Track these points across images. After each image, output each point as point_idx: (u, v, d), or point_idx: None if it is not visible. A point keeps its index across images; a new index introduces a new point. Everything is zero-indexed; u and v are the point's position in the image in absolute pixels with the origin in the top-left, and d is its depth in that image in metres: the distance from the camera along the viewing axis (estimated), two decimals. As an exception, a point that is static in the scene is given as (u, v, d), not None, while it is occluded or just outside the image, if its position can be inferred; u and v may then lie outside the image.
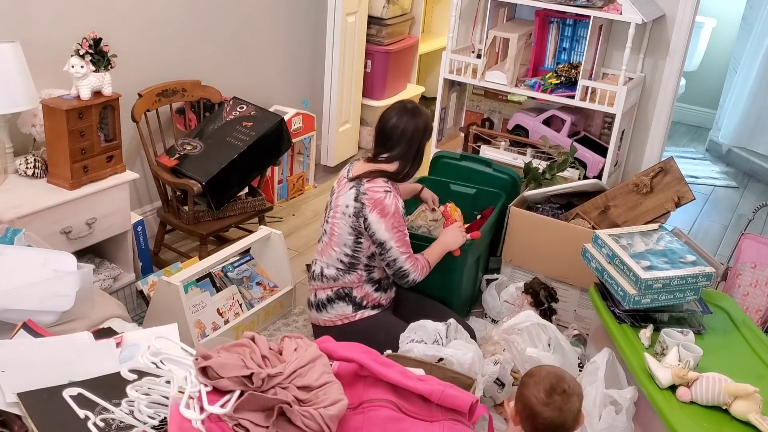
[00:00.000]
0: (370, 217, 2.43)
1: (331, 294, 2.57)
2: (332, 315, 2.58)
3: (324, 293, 2.59)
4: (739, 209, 4.62)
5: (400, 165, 2.52)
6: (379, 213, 2.43)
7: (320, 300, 2.59)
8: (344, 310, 2.57)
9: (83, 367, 1.57)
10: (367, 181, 2.46)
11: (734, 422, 1.92)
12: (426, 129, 2.54)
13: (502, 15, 3.66)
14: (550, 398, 1.70)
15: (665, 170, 2.86)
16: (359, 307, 2.57)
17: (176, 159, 3.13)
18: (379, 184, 2.46)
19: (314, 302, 2.62)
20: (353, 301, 2.56)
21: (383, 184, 2.46)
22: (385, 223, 2.43)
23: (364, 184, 2.46)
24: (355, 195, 2.46)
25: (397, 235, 2.46)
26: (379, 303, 2.61)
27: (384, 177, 2.48)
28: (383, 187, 2.45)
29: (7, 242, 2.12)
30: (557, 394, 1.71)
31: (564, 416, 1.71)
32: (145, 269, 3.05)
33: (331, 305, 2.58)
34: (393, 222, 2.44)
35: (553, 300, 2.87)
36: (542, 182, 3.22)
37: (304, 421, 1.35)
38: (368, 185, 2.46)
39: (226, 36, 3.66)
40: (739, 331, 2.36)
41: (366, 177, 2.47)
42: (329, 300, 2.58)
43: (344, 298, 2.56)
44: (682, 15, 3.35)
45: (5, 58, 2.45)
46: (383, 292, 2.62)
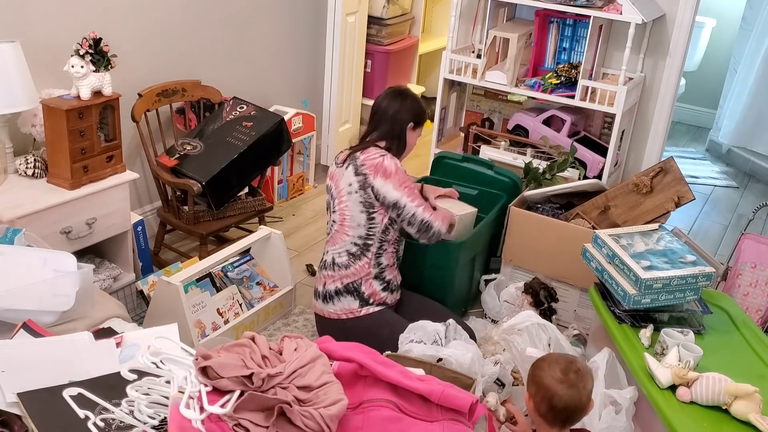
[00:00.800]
0: (376, 183, 2.47)
1: (341, 287, 2.57)
2: (338, 308, 2.59)
3: (333, 285, 2.59)
4: (739, 209, 4.62)
5: (388, 143, 2.57)
6: (383, 176, 2.46)
7: (328, 291, 2.60)
8: (350, 305, 2.57)
9: (83, 367, 1.57)
10: (361, 153, 2.51)
11: (734, 422, 1.92)
12: (411, 111, 2.58)
13: (502, 15, 3.66)
14: (566, 376, 1.75)
15: (665, 170, 2.86)
16: (365, 303, 2.57)
17: (176, 159, 3.13)
18: (373, 151, 2.51)
19: (322, 293, 2.62)
20: (361, 296, 2.57)
21: (376, 150, 2.51)
22: (391, 183, 2.46)
23: (358, 158, 2.50)
24: (354, 170, 2.50)
25: (406, 191, 2.48)
26: (384, 302, 2.61)
27: (373, 145, 2.54)
28: (378, 152, 2.50)
29: (7, 242, 2.12)
30: (572, 372, 1.76)
31: (580, 394, 1.75)
32: (145, 269, 3.05)
33: (338, 298, 2.58)
34: (398, 179, 2.47)
35: (553, 300, 2.87)
36: (542, 182, 3.22)
37: (304, 421, 1.35)
38: (363, 156, 2.50)
39: (226, 36, 3.66)
40: (739, 331, 2.36)
41: (358, 150, 2.53)
42: (338, 292, 2.58)
43: (353, 293, 2.56)
44: (682, 15, 3.35)
45: (5, 58, 2.45)
46: (390, 293, 2.63)
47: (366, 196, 2.48)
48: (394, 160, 2.50)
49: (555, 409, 1.76)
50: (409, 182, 2.51)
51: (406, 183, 2.50)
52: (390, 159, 2.49)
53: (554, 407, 1.76)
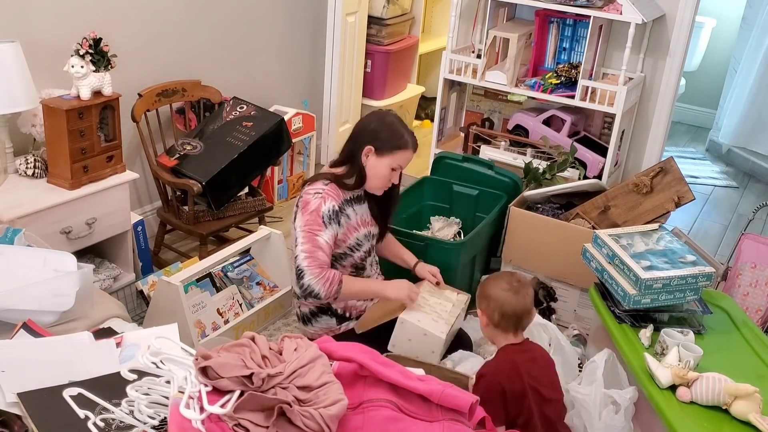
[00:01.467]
0: (296, 219, 2.33)
1: (314, 308, 2.50)
2: (317, 328, 2.51)
3: (306, 307, 2.51)
4: (739, 209, 4.62)
5: (345, 170, 2.40)
6: (302, 210, 2.31)
7: (304, 313, 2.53)
8: (329, 323, 2.50)
9: (83, 367, 1.57)
10: (308, 184, 2.38)
11: (734, 422, 1.92)
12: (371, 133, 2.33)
13: (502, 15, 3.67)
14: (510, 285, 2.05)
15: (665, 170, 2.86)
16: (343, 319, 2.50)
17: (176, 159, 3.13)
18: (316, 186, 2.34)
19: (300, 315, 2.57)
20: (335, 313, 2.49)
21: (319, 186, 2.34)
22: (300, 218, 2.30)
23: (304, 188, 2.38)
24: (297, 200, 2.39)
25: (304, 232, 2.27)
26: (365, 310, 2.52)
27: (325, 178, 2.37)
28: (315, 189, 2.33)
29: (7, 242, 2.12)
30: (515, 281, 2.07)
31: (525, 300, 2.05)
32: (145, 269, 3.05)
33: (315, 319, 2.51)
34: (307, 219, 2.28)
35: (551, 299, 2.88)
36: (542, 182, 3.22)
37: (304, 421, 1.34)
38: (306, 188, 2.36)
39: (226, 36, 3.66)
40: (739, 331, 2.36)
41: (309, 180, 2.40)
42: (312, 314, 2.51)
43: (326, 312, 2.49)
44: (682, 15, 3.35)
45: (5, 58, 2.45)
46: (370, 300, 2.52)
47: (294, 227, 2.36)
48: (321, 201, 2.29)
49: (506, 315, 2.03)
50: (316, 226, 2.27)
51: (313, 226, 2.27)
52: (318, 199, 2.29)
53: (505, 314, 2.03)
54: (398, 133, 2.36)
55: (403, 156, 2.37)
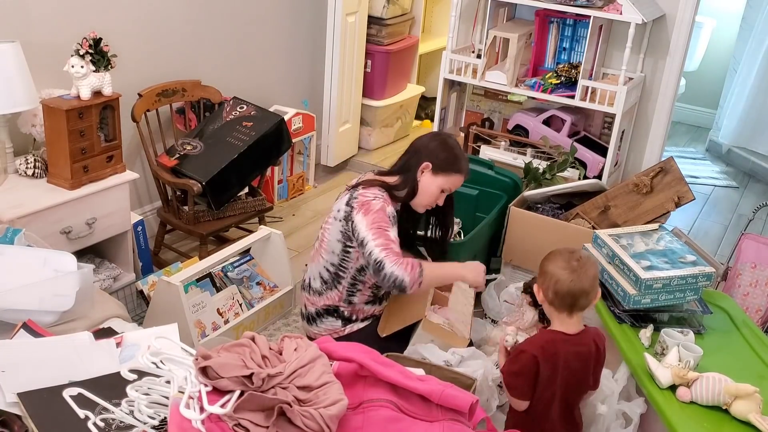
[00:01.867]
0: (356, 218, 2.32)
1: (320, 309, 2.51)
2: (321, 329, 2.52)
3: (313, 307, 2.53)
4: (739, 209, 4.62)
5: (398, 180, 2.43)
6: (364, 212, 2.31)
7: (310, 313, 2.54)
8: (333, 325, 2.51)
9: (83, 367, 1.57)
10: (363, 188, 2.39)
11: (734, 422, 1.91)
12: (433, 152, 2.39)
13: (502, 15, 3.66)
14: (568, 264, 1.92)
15: (665, 170, 2.86)
16: (348, 321, 2.51)
17: (176, 159, 3.13)
18: (373, 191, 2.37)
19: (305, 314, 2.58)
20: (341, 315, 2.50)
21: (377, 192, 2.37)
22: (366, 220, 2.30)
23: (359, 190, 2.39)
24: (347, 199, 2.38)
25: (375, 229, 2.28)
26: (371, 314, 2.54)
27: (381, 187, 2.39)
28: (374, 194, 2.36)
29: (7, 242, 2.12)
30: (575, 260, 1.93)
31: (582, 280, 1.91)
32: (145, 269, 3.05)
33: (320, 319, 2.52)
34: (374, 218, 2.29)
35: (552, 300, 2.87)
36: (542, 182, 3.22)
37: (304, 421, 1.34)
38: (362, 191, 2.38)
39: (226, 36, 3.66)
40: (739, 331, 2.36)
41: (363, 184, 2.41)
42: (318, 314, 2.52)
43: (332, 313, 2.50)
44: (682, 15, 3.35)
45: (5, 58, 2.45)
46: (377, 304, 2.54)
47: (346, 228, 2.37)
48: (385, 203, 2.33)
49: (560, 294, 1.92)
50: (385, 224, 2.30)
51: (381, 225, 2.29)
52: (381, 201, 2.33)
53: (559, 292, 1.92)
54: (457, 157, 2.43)
55: (455, 180, 2.44)
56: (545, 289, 1.96)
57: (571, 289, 1.91)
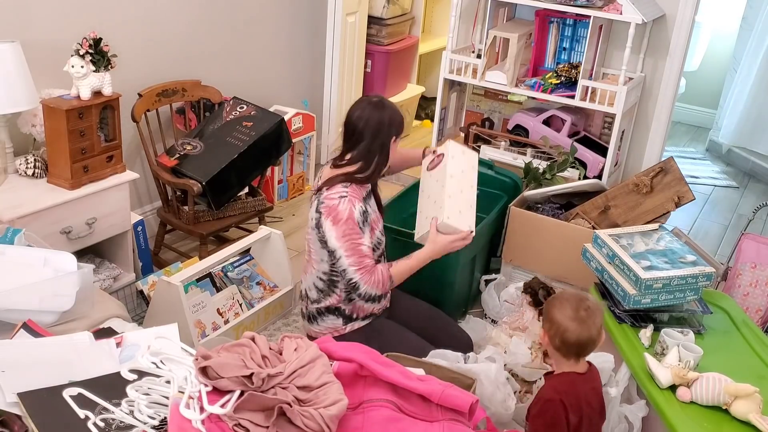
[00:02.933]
0: (325, 226, 2.30)
1: (321, 307, 2.50)
2: (323, 328, 2.51)
3: (314, 306, 2.52)
4: (739, 209, 4.62)
5: (363, 164, 2.37)
6: (332, 220, 2.29)
7: (311, 312, 2.53)
8: (335, 323, 2.50)
9: (83, 367, 1.57)
10: (326, 189, 2.34)
11: (734, 422, 1.92)
12: (391, 123, 2.37)
13: (502, 15, 3.67)
14: (576, 314, 1.89)
15: (665, 170, 2.86)
16: (350, 320, 2.50)
17: (176, 159, 3.13)
18: (336, 190, 2.32)
19: (305, 313, 2.57)
20: (343, 314, 2.49)
21: (340, 189, 2.32)
22: (336, 230, 2.28)
23: (323, 193, 2.35)
24: (316, 205, 2.36)
25: (347, 244, 2.29)
26: (371, 313, 2.52)
27: (343, 181, 2.34)
28: (339, 193, 2.31)
29: (7, 242, 2.12)
30: (582, 310, 1.90)
31: (590, 330, 1.89)
32: (145, 269, 3.05)
33: (321, 318, 2.51)
34: (344, 229, 2.28)
35: (552, 300, 2.87)
36: (542, 182, 3.22)
37: (304, 421, 1.35)
38: (326, 193, 2.33)
39: (226, 36, 3.66)
40: (739, 331, 2.36)
41: (326, 185, 2.36)
42: (319, 312, 2.50)
43: (334, 312, 2.49)
44: (682, 15, 3.35)
45: (5, 58, 2.45)
46: (376, 302, 2.51)
47: (320, 235, 2.35)
48: (351, 205, 2.29)
49: (567, 343, 1.90)
50: (356, 234, 2.29)
51: (352, 235, 2.28)
52: (346, 203, 2.29)
53: (566, 341, 1.90)
54: (400, 113, 2.44)
55: None
56: (551, 336, 1.94)
57: (579, 339, 1.90)
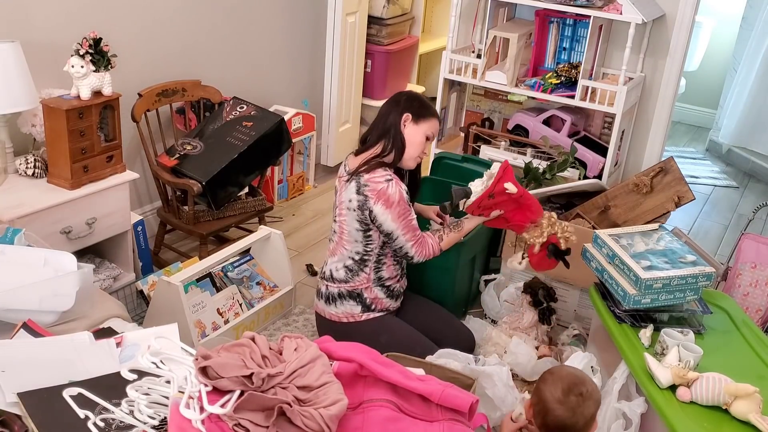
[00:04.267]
0: (376, 209, 2.40)
1: (344, 291, 2.55)
2: (340, 311, 2.57)
3: (336, 289, 2.57)
4: (739, 209, 4.62)
5: (383, 145, 2.47)
6: (384, 204, 2.39)
7: (331, 293, 2.58)
8: (352, 309, 2.56)
9: (83, 367, 1.57)
10: (366, 173, 2.43)
11: (734, 422, 1.91)
12: (401, 102, 2.47)
13: (502, 15, 3.66)
14: (566, 397, 1.72)
15: (665, 170, 2.86)
16: (368, 309, 2.56)
17: (176, 159, 3.13)
18: (379, 173, 2.41)
19: (324, 294, 2.60)
20: (363, 302, 2.55)
21: (383, 173, 2.42)
22: (391, 213, 2.40)
23: (363, 176, 2.42)
24: (356, 188, 2.43)
25: (403, 223, 2.42)
26: (387, 308, 2.60)
27: (381, 166, 2.44)
28: (384, 176, 2.41)
29: (7, 242, 2.12)
30: (574, 395, 1.73)
31: (576, 419, 1.72)
32: (145, 269, 3.05)
33: (341, 301, 2.56)
34: (399, 211, 2.41)
35: (551, 300, 2.87)
36: (542, 182, 3.22)
37: (304, 421, 1.35)
38: (367, 176, 2.41)
39: (226, 36, 3.66)
40: (739, 331, 2.36)
41: (363, 169, 2.44)
42: (341, 296, 2.56)
43: (355, 298, 2.55)
44: (682, 15, 3.35)
45: (5, 58, 2.45)
46: (393, 300, 2.61)
47: (363, 216, 2.44)
48: (399, 187, 2.41)
49: (548, 426, 1.76)
50: (408, 212, 2.44)
51: (406, 215, 2.43)
52: (395, 186, 2.40)
53: (547, 424, 1.76)
54: (428, 104, 2.55)
55: (434, 124, 2.52)
56: (535, 411, 1.79)
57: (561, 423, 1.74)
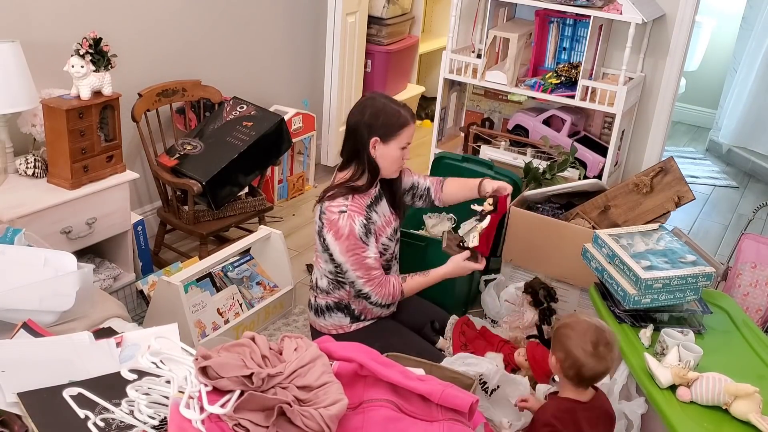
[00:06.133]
0: (327, 238, 2.33)
1: (331, 303, 2.51)
2: (328, 323, 2.53)
3: (323, 300, 2.52)
4: (739, 209, 4.62)
5: (353, 170, 2.37)
6: (334, 235, 2.31)
7: (319, 305, 2.54)
8: (341, 321, 2.51)
9: (83, 367, 1.57)
10: (327, 199, 2.34)
11: (734, 422, 1.91)
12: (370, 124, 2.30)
13: (502, 15, 3.66)
14: (596, 350, 1.84)
15: (665, 170, 2.86)
16: (356, 319, 2.51)
17: (176, 159, 3.13)
18: (337, 202, 2.32)
19: (313, 305, 2.57)
20: (351, 313, 2.50)
21: (341, 202, 2.31)
22: (339, 246, 2.31)
23: (324, 203, 2.35)
24: (319, 213, 2.37)
25: (352, 259, 2.31)
26: (378, 316, 2.54)
27: (344, 193, 2.33)
28: (339, 207, 2.31)
29: (7, 242, 2.12)
30: (602, 345, 1.85)
31: (608, 364, 1.86)
32: (145, 269, 3.05)
33: (329, 313, 2.52)
34: (347, 245, 2.30)
35: (552, 300, 2.87)
36: (542, 182, 3.22)
37: (304, 421, 1.34)
38: (327, 203, 2.33)
39: (226, 36, 3.66)
40: (739, 331, 2.36)
41: (328, 195, 2.36)
42: (328, 308, 2.51)
43: (343, 310, 2.50)
44: (682, 15, 3.35)
45: (5, 58, 2.45)
46: (385, 308, 2.54)
47: (323, 244, 2.37)
48: (351, 220, 2.28)
49: (582, 377, 1.87)
50: (359, 248, 2.31)
51: (356, 250, 2.31)
52: (346, 219, 2.28)
53: (582, 375, 1.86)
54: (395, 113, 2.33)
55: (407, 133, 2.35)
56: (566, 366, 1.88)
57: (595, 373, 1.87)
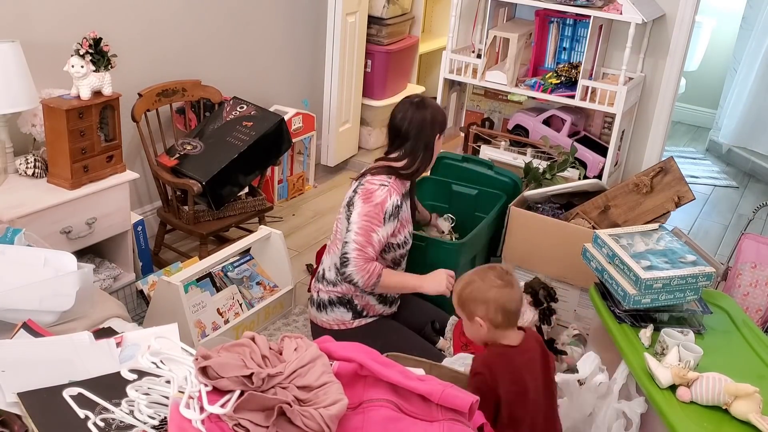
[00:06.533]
0: (356, 203, 2.36)
1: (334, 298, 2.51)
2: (330, 318, 2.53)
3: (326, 295, 2.53)
4: (739, 209, 4.62)
5: (409, 161, 2.46)
6: (364, 198, 2.35)
7: (322, 300, 2.54)
8: (343, 316, 2.51)
9: (83, 367, 1.57)
10: (371, 174, 2.42)
11: (734, 422, 1.91)
12: (434, 122, 2.45)
13: (502, 15, 3.67)
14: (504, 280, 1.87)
15: (665, 170, 2.86)
16: (359, 315, 2.51)
17: (176, 159, 3.13)
18: (380, 177, 2.40)
19: (315, 300, 2.57)
20: (354, 308, 2.50)
21: (384, 178, 2.40)
22: (363, 207, 2.34)
23: (366, 177, 2.42)
24: (354, 187, 2.43)
25: (364, 223, 2.32)
26: (380, 314, 2.55)
27: (388, 173, 2.42)
28: (381, 181, 2.39)
29: (7, 242, 2.12)
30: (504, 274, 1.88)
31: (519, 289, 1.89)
32: (145, 269, 3.05)
33: (331, 308, 2.52)
34: (369, 210, 2.33)
35: (552, 300, 2.87)
36: (542, 182, 3.22)
37: (304, 421, 1.34)
38: (369, 177, 2.41)
39: (226, 36, 3.66)
40: (739, 331, 2.36)
41: (371, 171, 2.44)
42: (330, 302, 2.52)
43: (345, 305, 2.50)
44: (682, 15, 3.35)
45: (5, 58, 2.45)
46: (387, 306, 2.56)
47: (349, 213, 2.40)
48: (388, 195, 2.35)
49: (509, 313, 1.86)
50: (376, 221, 2.32)
51: (372, 219, 2.32)
52: (385, 191, 2.35)
53: (508, 311, 1.86)
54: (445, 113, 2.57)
55: None
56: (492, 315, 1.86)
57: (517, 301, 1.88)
